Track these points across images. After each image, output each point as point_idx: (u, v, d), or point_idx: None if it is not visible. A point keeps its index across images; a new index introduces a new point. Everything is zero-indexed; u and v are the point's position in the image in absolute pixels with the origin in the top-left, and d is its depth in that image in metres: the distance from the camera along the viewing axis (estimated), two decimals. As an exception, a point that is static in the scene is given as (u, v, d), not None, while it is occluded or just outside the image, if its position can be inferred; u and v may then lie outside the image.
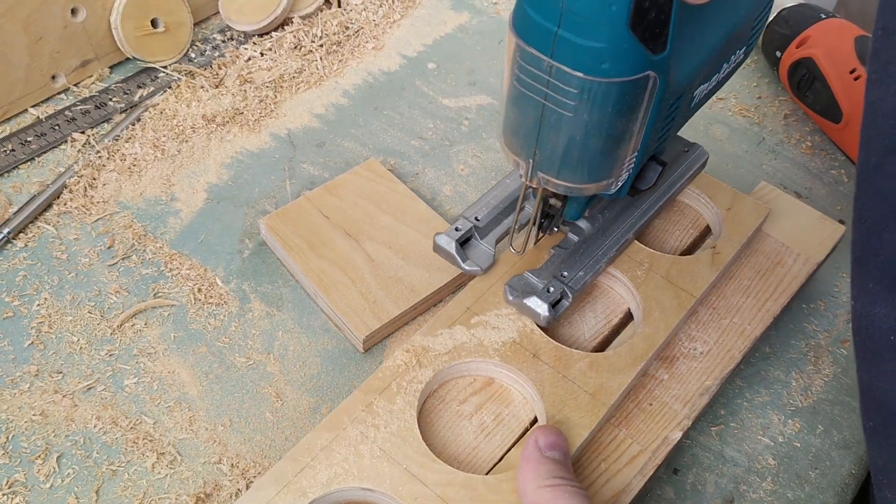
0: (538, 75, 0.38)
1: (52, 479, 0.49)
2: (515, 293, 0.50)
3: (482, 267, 0.52)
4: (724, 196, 0.59)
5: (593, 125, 0.40)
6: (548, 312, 0.48)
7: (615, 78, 0.37)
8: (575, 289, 0.50)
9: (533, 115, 0.41)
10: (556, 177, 0.43)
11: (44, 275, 0.58)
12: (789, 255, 0.58)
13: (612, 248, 0.53)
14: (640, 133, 0.42)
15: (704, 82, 0.48)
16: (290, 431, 0.51)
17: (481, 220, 0.53)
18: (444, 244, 0.52)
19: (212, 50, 0.76)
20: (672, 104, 0.44)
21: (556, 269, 0.51)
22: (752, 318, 0.54)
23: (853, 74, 0.68)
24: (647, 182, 0.48)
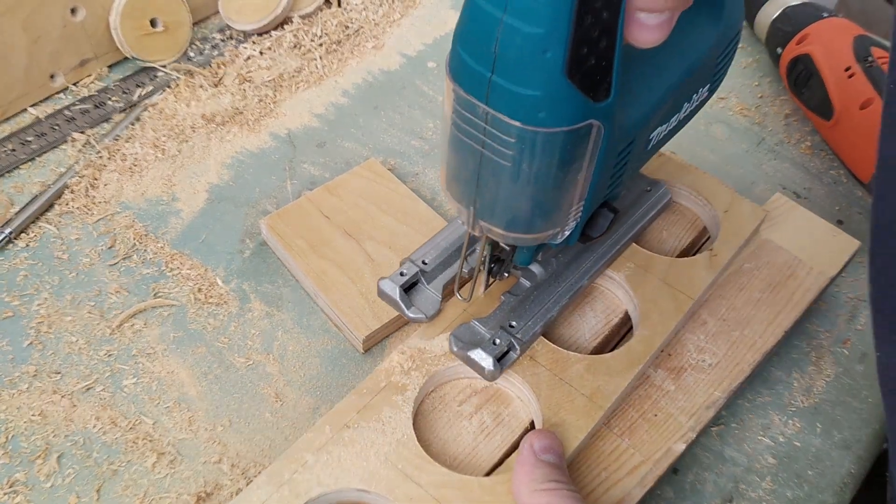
0: (475, 122, 0.36)
1: (52, 479, 0.49)
2: (460, 344, 0.47)
3: (427, 314, 0.49)
4: (723, 197, 0.59)
5: (534, 175, 0.37)
6: (493, 367, 0.46)
7: (553, 128, 0.35)
8: (523, 340, 0.48)
9: (472, 163, 0.38)
10: (497, 226, 0.41)
11: (44, 275, 0.58)
12: (802, 268, 0.57)
13: (566, 296, 0.51)
14: (587, 182, 0.40)
15: (662, 123, 0.46)
16: (290, 431, 0.51)
17: (429, 264, 0.51)
18: (388, 290, 0.50)
19: (211, 49, 0.76)
20: (622, 150, 0.42)
21: (505, 317, 0.49)
22: (763, 332, 0.54)
23: (848, 72, 0.69)
24: (598, 230, 0.46)
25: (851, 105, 0.67)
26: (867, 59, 0.68)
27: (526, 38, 0.32)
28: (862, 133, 0.64)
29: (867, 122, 0.65)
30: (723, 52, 0.47)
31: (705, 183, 0.60)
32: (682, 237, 0.59)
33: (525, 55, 0.33)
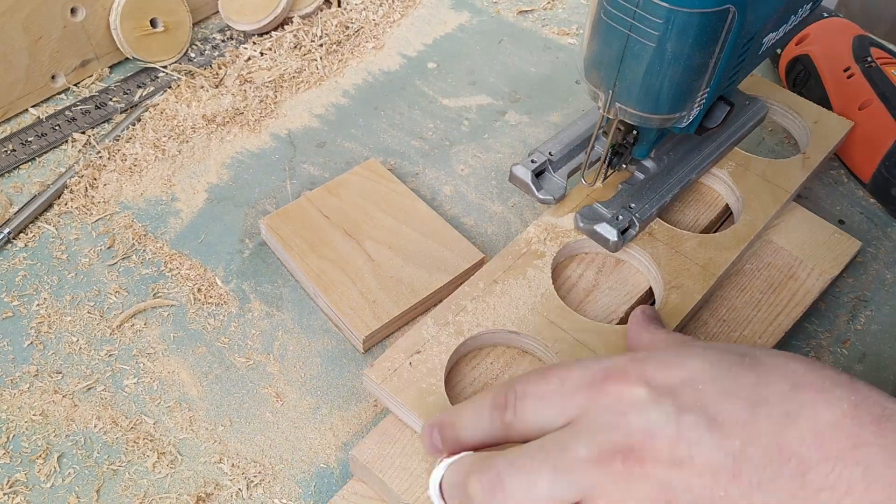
0: (625, 6, 0.41)
1: (53, 479, 0.49)
2: (586, 221, 0.53)
3: (555, 196, 0.55)
4: (811, 111, 0.64)
5: (674, 55, 0.42)
6: (616, 237, 0.52)
7: (698, 9, 0.40)
8: (642, 219, 0.53)
9: (617, 47, 0.44)
10: (633, 107, 0.46)
11: (43, 275, 0.58)
12: (803, 269, 0.57)
13: (677, 186, 0.56)
14: (715, 69, 0.45)
15: (773, 30, 0.50)
16: (291, 431, 0.52)
17: (555, 155, 0.56)
18: (521, 174, 0.55)
19: (211, 49, 0.76)
20: (745, 45, 0.46)
21: (624, 201, 0.54)
22: (763, 332, 0.54)
23: (847, 73, 0.69)
24: (714, 120, 0.51)
25: (850, 105, 0.67)
26: (866, 59, 0.68)
27: None
28: (861, 133, 0.64)
29: (866, 122, 0.65)
30: None
31: (793, 100, 0.65)
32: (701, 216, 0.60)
33: None
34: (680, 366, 0.35)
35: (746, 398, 0.34)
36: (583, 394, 0.36)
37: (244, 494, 0.49)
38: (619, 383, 0.36)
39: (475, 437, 0.40)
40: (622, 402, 0.35)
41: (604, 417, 0.35)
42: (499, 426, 0.38)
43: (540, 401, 0.37)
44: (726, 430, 0.33)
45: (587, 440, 0.35)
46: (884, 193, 0.66)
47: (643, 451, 0.34)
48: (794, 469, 0.32)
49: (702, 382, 0.34)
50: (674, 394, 0.34)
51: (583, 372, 0.37)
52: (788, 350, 0.57)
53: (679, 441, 0.33)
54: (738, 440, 0.33)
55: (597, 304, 0.54)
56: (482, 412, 0.39)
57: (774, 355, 0.36)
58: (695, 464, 0.33)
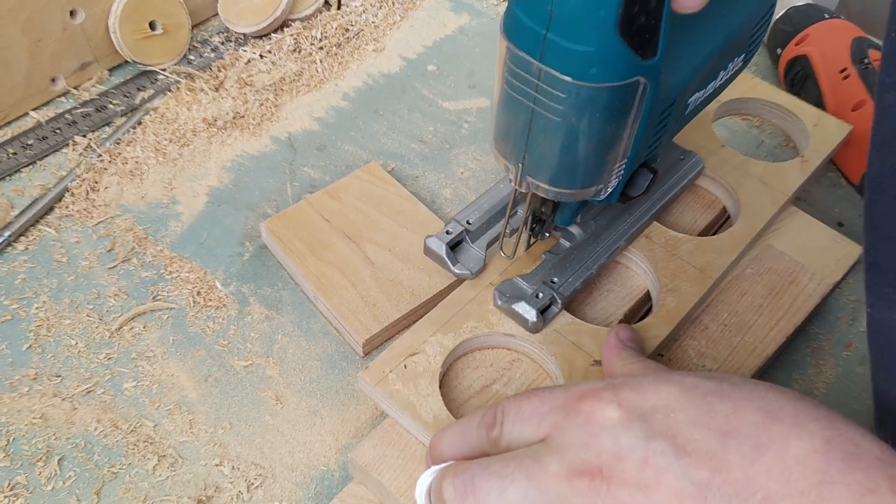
0: (527, 79, 0.38)
1: (53, 482, 0.49)
2: (504, 298, 0.50)
3: (472, 271, 0.52)
4: (810, 114, 0.63)
5: (582, 130, 0.39)
6: (535, 318, 0.48)
7: (604, 83, 0.37)
8: (564, 295, 0.50)
9: (522, 119, 0.40)
10: (544, 182, 0.43)
11: (43, 278, 0.58)
12: (804, 274, 0.57)
13: (604, 255, 0.53)
14: (630, 139, 0.42)
15: (699, 90, 0.47)
16: (290, 434, 0.51)
17: (473, 224, 0.53)
18: (435, 247, 0.52)
19: (211, 52, 0.76)
20: (664, 111, 0.44)
21: (547, 274, 0.51)
22: (764, 337, 0.54)
23: (843, 74, 0.69)
24: (637, 189, 0.48)
25: (844, 106, 0.67)
26: (863, 60, 0.68)
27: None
28: (853, 135, 0.64)
29: (858, 123, 0.65)
30: (758, 23, 0.49)
31: (793, 102, 0.64)
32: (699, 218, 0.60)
33: (580, 12, 0.35)
34: (654, 391, 0.36)
35: (717, 428, 0.33)
36: (558, 412, 0.37)
37: (244, 497, 0.49)
38: (593, 403, 0.36)
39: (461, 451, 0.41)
40: (594, 423, 0.36)
41: (575, 435, 0.36)
42: (486, 441, 0.40)
43: (521, 418, 0.38)
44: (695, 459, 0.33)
45: (559, 456, 0.35)
46: None
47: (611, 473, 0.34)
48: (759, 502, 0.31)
49: (674, 409, 0.35)
50: (645, 418, 0.35)
51: (562, 393, 0.38)
52: (789, 352, 0.57)
53: (646, 466, 0.33)
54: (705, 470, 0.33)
55: (595, 306, 0.54)
56: (470, 429, 0.41)
57: (753, 384, 0.36)
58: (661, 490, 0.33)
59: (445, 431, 0.42)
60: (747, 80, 0.66)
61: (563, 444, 0.36)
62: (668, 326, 0.51)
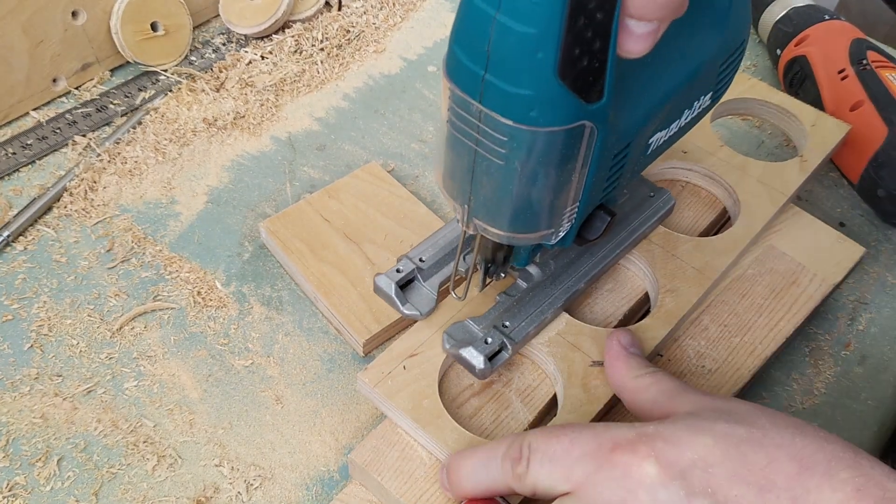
0: (469, 120, 0.36)
1: (52, 482, 0.49)
2: (453, 342, 0.47)
3: (422, 311, 0.50)
4: (809, 114, 0.64)
5: (526, 174, 0.37)
6: (483, 365, 0.46)
7: (545, 127, 0.35)
8: (516, 340, 0.48)
9: (466, 160, 0.38)
10: (491, 225, 0.41)
11: (43, 278, 0.58)
12: (805, 274, 0.57)
13: (562, 298, 0.51)
14: (580, 183, 0.40)
15: (662, 129, 0.45)
16: (290, 434, 0.51)
17: (426, 262, 0.51)
18: (384, 286, 0.50)
19: (212, 53, 0.76)
20: (618, 154, 0.42)
21: (499, 318, 0.49)
22: (764, 338, 0.54)
23: (841, 74, 0.69)
24: (594, 232, 0.45)
25: (842, 106, 0.67)
26: (862, 61, 0.69)
27: (518, 37, 0.32)
28: (851, 135, 0.64)
29: (856, 124, 0.65)
30: (727, 60, 0.47)
31: (791, 102, 0.64)
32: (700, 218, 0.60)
33: (517, 55, 0.33)
34: (690, 444, 0.36)
35: (755, 482, 0.34)
36: (590, 462, 0.37)
37: (244, 497, 0.49)
38: (629, 456, 0.36)
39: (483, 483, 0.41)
40: (631, 479, 0.35)
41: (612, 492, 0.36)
42: (510, 476, 0.39)
43: (549, 460, 0.38)
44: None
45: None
46: (871, 194, 0.66)
47: None
48: None
49: (711, 464, 0.35)
50: (683, 475, 0.35)
51: (592, 438, 0.38)
52: (788, 352, 0.57)
53: None
54: None
55: (595, 306, 0.54)
56: (493, 460, 0.41)
57: (780, 428, 0.36)
58: None
59: (466, 458, 0.42)
60: (745, 81, 0.66)
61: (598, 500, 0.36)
62: (667, 327, 0.51)
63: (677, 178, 0.62)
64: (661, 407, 0.42)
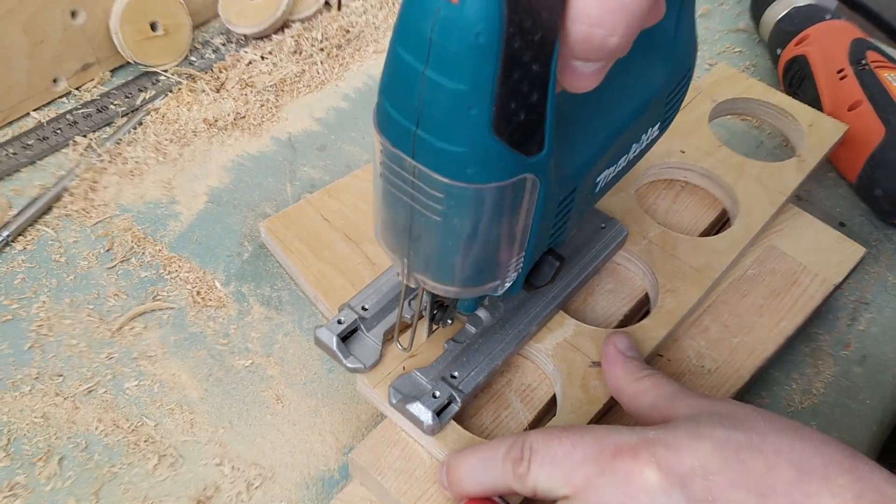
0: (403, 175, 0.34)
1: (53, 482, 0.49)
2: (399, 396, 0.46)
3: (366, 364, 0.47)
4: (806, 115, 0.64)
5: (466, 230, 0.35)
6: (432, 421, 0.44)
7: (483, 184, 0.33)
8: (465, 392, 0.46)
9: (403, 215, 0.36)
10: (433, 280, 0.39)
11: (42, 278, 0.59)
12: (806, 274, 0.57)
13: (513, 343, 0.49)
14: (525, 234, 0.38)
15: (609, 166, 0.44)
16: (291, 434, 0.52)
17: (369, 310, 0.49)
18: (325, 339, 0.48)
19: (212, 53, 0.76)
20: (564, 200, 0.40)
21: (447, 367, 0.47)
22: (765, 338, 0.54)
23: (840, 74, 0.69)
24: (542, 278, 0.44)
25: (840, 106, 0.67)
26: (861, 61, 0.69)
27: (449, 93, 0.30)
28: (848, 134, 0.64)
29: (854, 123, 0.65)
30: (673, 90, 0.46)
31: (788, 102, 0.65)
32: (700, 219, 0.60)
33: (448, 111, 0.31)
34: (690, 450, 0.36)
35: (755, 488, 0.34)
36: (591, 465, 0.37)
37: (244, 497, 0.49)
38: (630, 462, 0.36)
39: (483, 482, 0.41)
40: (631, 485, 0.36)
41: (612, 495, 0.36)
42: (511, 476, 0.40)
43: (550, 462, 0.38)
44: None
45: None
46: (868, 194, 0.66)
47: None
48: None
49: (711, 471, 0.35)
50: (684, 483, 0.35)
51: (594, 441, 0.38)
52: (788, 352, 0.57)
53: None
54: None
55: (595, 306, 0.54)
56: (494, 460, 0.41)
57: (780, 432, 0.36)
58: None
59: (466, 458, 0.42)
60: (743, 81, 0.66)
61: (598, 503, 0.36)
62: (667, 327, 0.51)
63: (675, 178, 0.62)
64: (661, 411, 0.42)
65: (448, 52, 0.29)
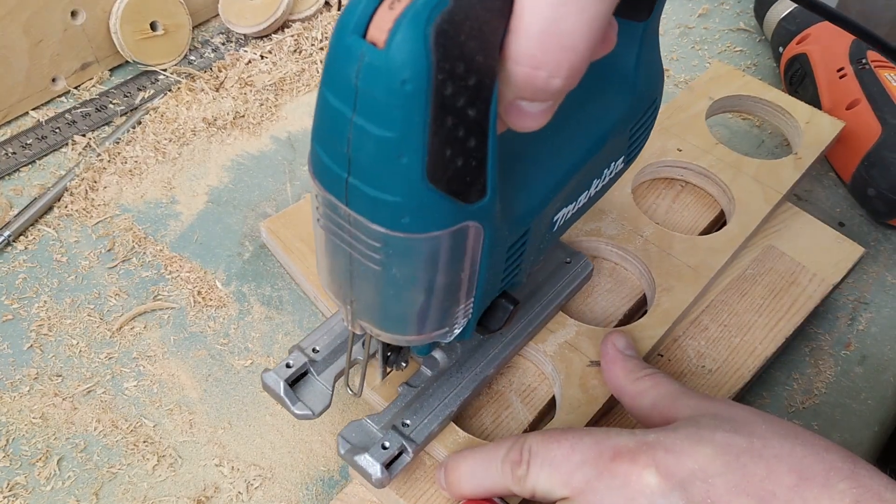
0: (340, 223, 0.32)
1: (52, 482, 0.49)
2: (348, 447, 0.43)
3: (315, 411, 0.45)
4: (803, 112, 0.64)
5: (407, 280, 0.33)
6: (381, 474, 0.42)
7: (420, 234, 0.31)
8: (418, 441, 0.44)
9: (343, 263, 0.34)
10: (378, 328, 0.37)
11: (43, 277, 0.59)
12: (805, 274, 0.57)
13: (469, 387, 0.46)
14: (472, 281, 0.36)
15: (568, 204, 0.42)
16: (291, 434, 0.52)
17: (319, 353, 0.46)
18: (272, 384, 0.45)
19: (211, 53, 0.76)
20: (515, 242, 0.38)
21: (399, 414, 0.45)
22: (764, 338, 0.54)
23: (840, 73, 0.69)
24: (496, 322, 0.41)
25: (839, 105, 0.67)
26: (861, 60, 0.69)
27: (378, 141, 0.28)
28: (845, 133, 0.64)
29: (852, 122, 0.65)
30: (637, 122, 0.44)
31: (785, 100, 0.65)
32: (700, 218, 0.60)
33: (379, 159, 0.29)
34: (690, 454, 0.36)
35: (755, 493, 0.34)
36: (590, 468, 0.37)
37: (244, 497, 0.49)
38: (629, 465, 0.36)
39: (482, 485, 0.41)
40: (630, 488, 0.36)
41: (611, 498, 0.36)
42: (510, 479, 0.40)
43: (549, 465, 0.38)
44: None
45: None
46: (861, 193, 0.66)
47: None
48: None
49: (711, 474, 0.35)
50: (683, 486, 0.35)
51: (593, 444, 0.38)
52: (788, 352, 0.57)
53: None
54: None
55: (595, 306, 0.54)
56: (493, 462, 0.41)
57: (780, 437, 0.36)
58: None
59: (465, 459, 0.42)
60: (739, 78, 0.66)
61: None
62: (664, 326, 0.51)
63: (672, 176, 0.62)
64: (661, 411, 0.42)
65: (375, 100, 0.27)
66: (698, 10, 0.86)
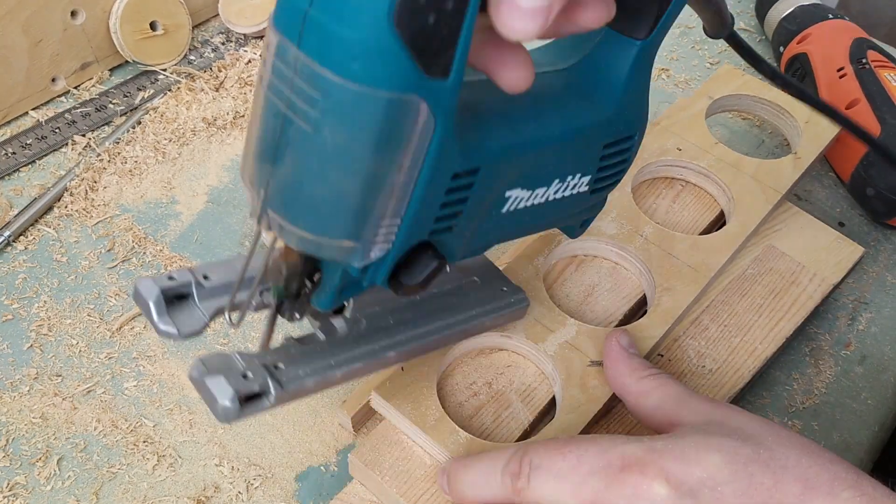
0: (284, 73, 0.30)
1: (52, 482, 0.49)
2: (200, 370, 0.36)
3: (181, 331, 0.38)
4: (802, 111, 0.64)
5: (338, 148, 0.30)
6: (230, 403, 0.35)
7: (367, 85, 0.28)
8: (286, 386, 0.38)
9: (273, 129, 0.31)
10: (287, 219, 0.33)
11: (43, 277, 0.59)
12: (805, 274, 0.57)
13: (362, 360, 0.41)
14: (406, 190, 0.32)
15: (522, 186, 0.39)
16: (291, 434, 0.52)
17: (210, 280, 0.40)
18: (144, 290, 0.38)
19: (211, 52, 0.76)
20: (462, 175, 0.35)
21: (276, 358, 0.39)
22: (764, 338, 0.54)
23: (840, 73, 0.69)
24: (413, 277, 0.36)
25: (838, 104, 0.68)
26: (861, 60, 0.69)
27: None
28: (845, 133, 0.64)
29: None
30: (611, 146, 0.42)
31: (784, 99, 0.64)
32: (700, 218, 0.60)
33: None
34: (698, 462, 0.36)
35: (762, 502, 0.35)
36: (599, 479, 0.37)
37: (244, 497, 0.49)
38: (638, 476, 0.36)
39: (482, 496, 0.41)
40: (640, 498, 0.36)
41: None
42: (510, 490, 0.39)
43: (555, 477, 0.38)
44: None
45: None
46: (860, 193, 0.66)
47: None
48: None
49: (720, 482, 0.35)
50: (693, 494, 0.35)
51: (599, 454, 0.38)
52: (788, 352, 0.57)
53: None
54: None
55: (595, 306, 0.54)
56: (493, 473, 0.40)
57: (787, 447, 0.37)
58: None
59: (467, 468, 0.42)
60: (738, 77, 0.66)
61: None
62: (664, 326, 0.51)
63: (671, 175, 0.62)
64: (666, 413, 0.42)
65: None
66: (698, 9, 0.86)
